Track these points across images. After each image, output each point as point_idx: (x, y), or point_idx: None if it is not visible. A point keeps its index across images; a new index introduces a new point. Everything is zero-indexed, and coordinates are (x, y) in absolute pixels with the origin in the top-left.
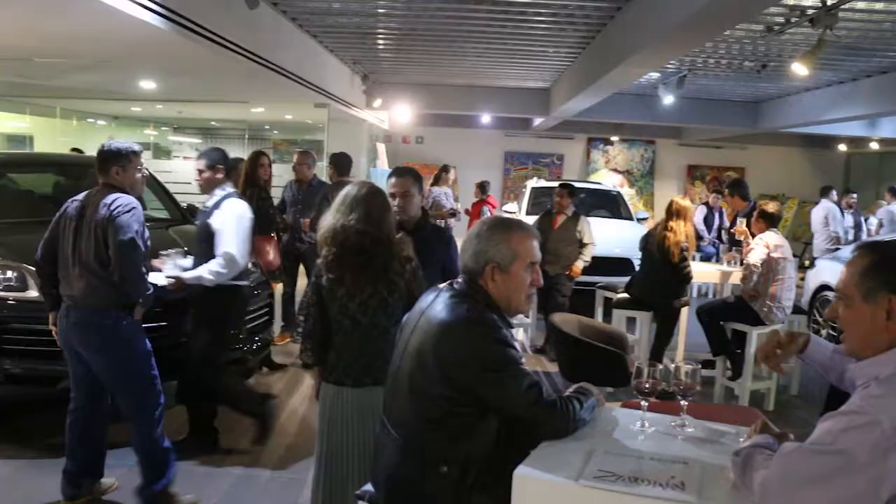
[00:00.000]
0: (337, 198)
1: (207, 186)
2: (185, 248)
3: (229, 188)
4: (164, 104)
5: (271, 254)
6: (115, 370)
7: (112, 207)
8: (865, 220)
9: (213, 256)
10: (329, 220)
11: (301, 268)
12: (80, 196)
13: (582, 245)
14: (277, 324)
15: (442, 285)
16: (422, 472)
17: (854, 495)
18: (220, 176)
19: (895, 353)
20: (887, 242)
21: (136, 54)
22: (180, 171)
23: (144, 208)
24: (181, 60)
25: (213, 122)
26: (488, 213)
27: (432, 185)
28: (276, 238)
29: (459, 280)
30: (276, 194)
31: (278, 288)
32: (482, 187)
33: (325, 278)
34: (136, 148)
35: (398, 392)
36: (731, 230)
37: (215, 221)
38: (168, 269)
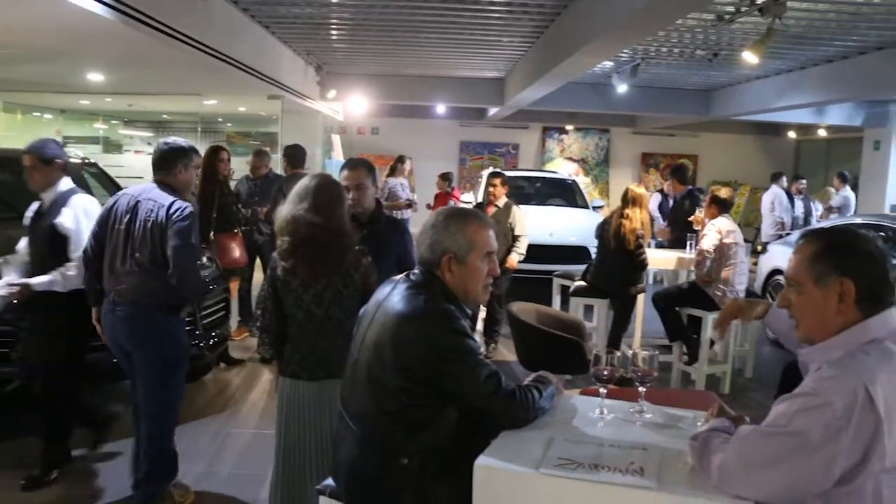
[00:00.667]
0: (292, 190)
1: (43, 183)
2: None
3: (70, 182)
4: (113, 97)
5: (237, 251)
6: (159, 366)
7: (171, 212)
8: (814, 204)
9: (58, 259)
10: (283, 210)
11: (258, 262)
12: (132, 191)
13: (514, 237)
14: (234, 319)
15: (398, 277)
16: (382, 465)
17: (809, 474)
18: (58, 171)
19: (845, 336)
20: (831, 228)
21: (82, 45)
22: (132, 165)
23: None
24: (130, 52)
25: (164, 116)
26: None
27: (388, 176)
28: (240, 235)
29: (416, 271)
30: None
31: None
32: (447, 178)
33: (279, 268)
34: (193, 145)
35: (356, 385)
36: (689, 219)
37: (66, 220)
38: (9, 277)
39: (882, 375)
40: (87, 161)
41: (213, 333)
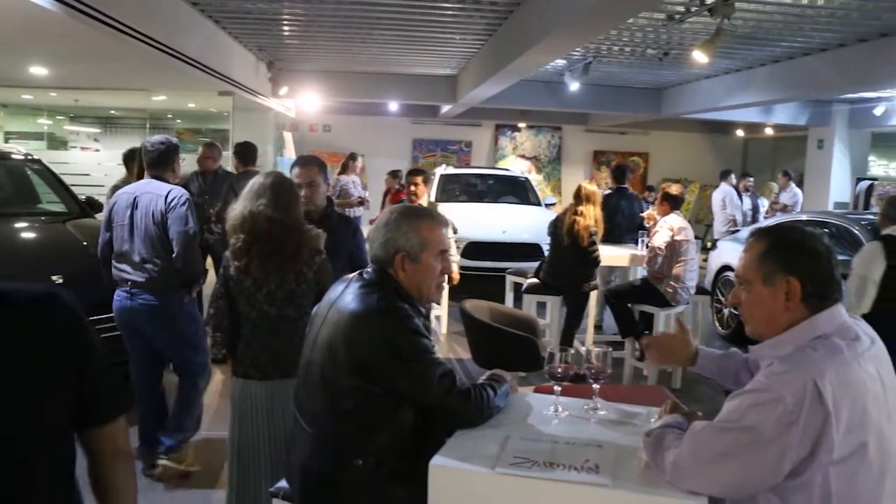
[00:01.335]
0: (245, 187)
1: None
2: None
3: None
4: (58, 92)
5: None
6: (183, 342)
7: (169, 200)
8: (760, 201)
9: None
10: (238, 208)
11: (209, 261)
12: (129, 189)
13: None
14: None
15: (351, 275)
16: (336, 466)
17: (761, 468)
18: None
19: (794, 332)
20: (779, 226)
21: (24, 37)
22: (78, 162)
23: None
24: (75, 45)
25: (112, 111)
26: None
27: (340, 173)
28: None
29: (369, 270)
30: None
31: None
32: (396, 175)
33: (232, 268)
34: None
35: (310, 385)
36: (641, 214)
37: None
38: None
39: (830, 370)
40: (30, 157)
41: None
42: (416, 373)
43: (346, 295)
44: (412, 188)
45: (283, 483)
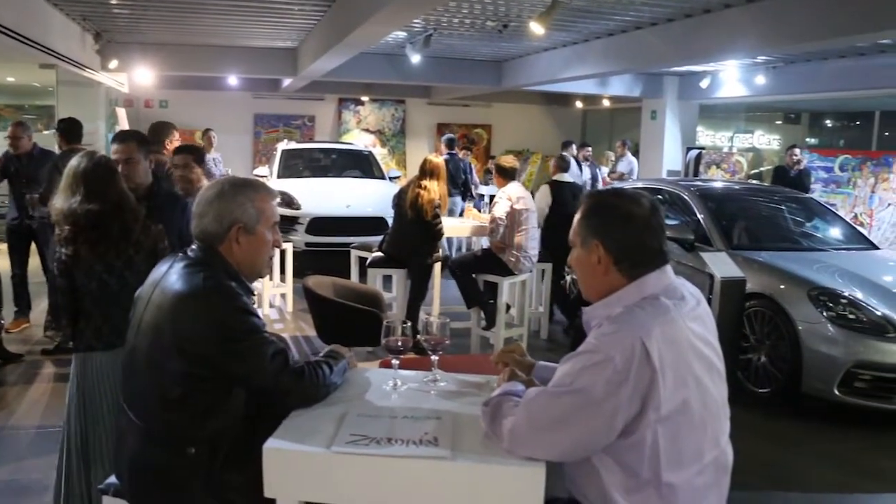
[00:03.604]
0: (64, 174)
1: None
2: None
3: None
4: None
5: None
6: None
7: None
8: (599, 170)
9: None
10: (59, 202)
11: (33, 247)
12: None
13: None
14: (10, 309)
15: (176, 255)
16: (168, 457)
17: (593, 430)
18: None
19: (622, 293)
20: (601, 191)
21: None
22: None
23: None
24: None
25: None
26: None
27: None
28: None
29: (194, 247)
30: None
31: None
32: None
33: (62, 255)
34: None
35: (135, 373)
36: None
37: None
38: None
39: (656, 329)
40: None
41: None
42: (247, 353)
43: (170, 275)
44: (179, 173)
45: (112, 479)
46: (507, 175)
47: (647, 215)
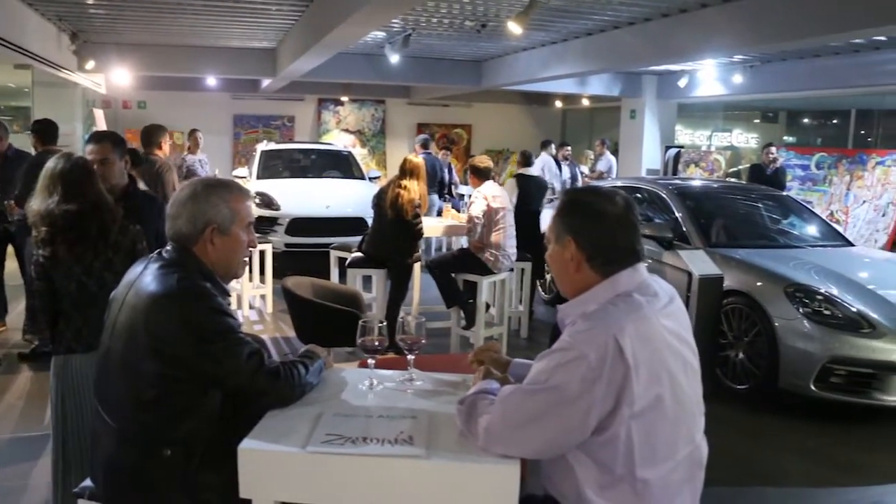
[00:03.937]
0: (40, 175)
1: None
2: None
3: None
4: None
5: None
6: None
7: None
8: (579, 169)
9: None
10: (36, 203)
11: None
12: None
13: None
14: None
15: (150, 256)
16: (143, 459)
17: (568, 427)
18: None
19: (597, 290)
20: (578, 188)
21: None
22: None
23: None
24: None
25: None
26: None
27: (189, 152)
28: None
29: (168, 248)
30: None
31: None
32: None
33: (40, 256)
34: None
35: (110, 375)
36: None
37: None
38: None
39: (630, 326)
40: None
41: None
42: (221, 354)
43: (144, 276)
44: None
45: (87, 483)
46: (481, 175)
47: (621, 213)
